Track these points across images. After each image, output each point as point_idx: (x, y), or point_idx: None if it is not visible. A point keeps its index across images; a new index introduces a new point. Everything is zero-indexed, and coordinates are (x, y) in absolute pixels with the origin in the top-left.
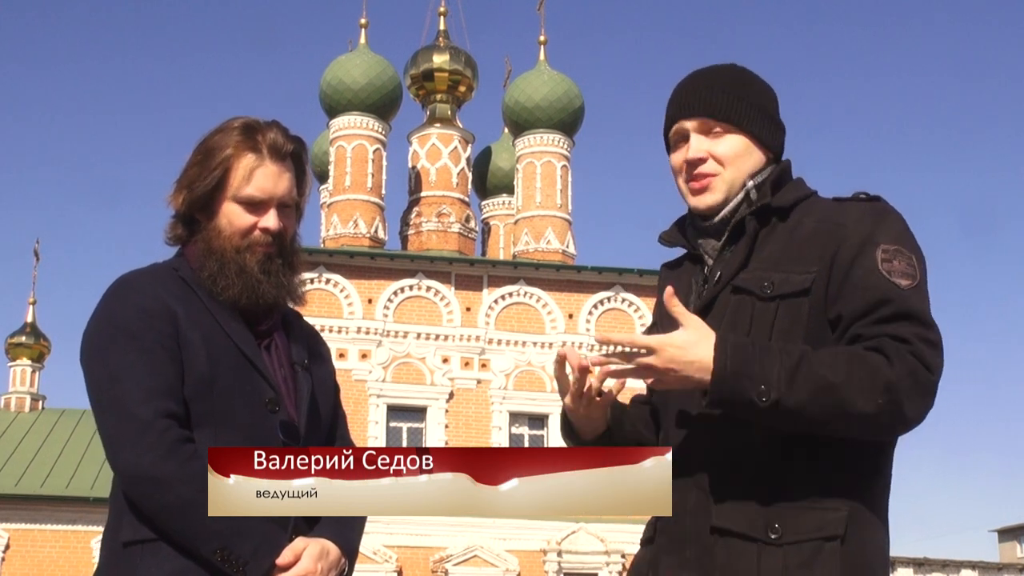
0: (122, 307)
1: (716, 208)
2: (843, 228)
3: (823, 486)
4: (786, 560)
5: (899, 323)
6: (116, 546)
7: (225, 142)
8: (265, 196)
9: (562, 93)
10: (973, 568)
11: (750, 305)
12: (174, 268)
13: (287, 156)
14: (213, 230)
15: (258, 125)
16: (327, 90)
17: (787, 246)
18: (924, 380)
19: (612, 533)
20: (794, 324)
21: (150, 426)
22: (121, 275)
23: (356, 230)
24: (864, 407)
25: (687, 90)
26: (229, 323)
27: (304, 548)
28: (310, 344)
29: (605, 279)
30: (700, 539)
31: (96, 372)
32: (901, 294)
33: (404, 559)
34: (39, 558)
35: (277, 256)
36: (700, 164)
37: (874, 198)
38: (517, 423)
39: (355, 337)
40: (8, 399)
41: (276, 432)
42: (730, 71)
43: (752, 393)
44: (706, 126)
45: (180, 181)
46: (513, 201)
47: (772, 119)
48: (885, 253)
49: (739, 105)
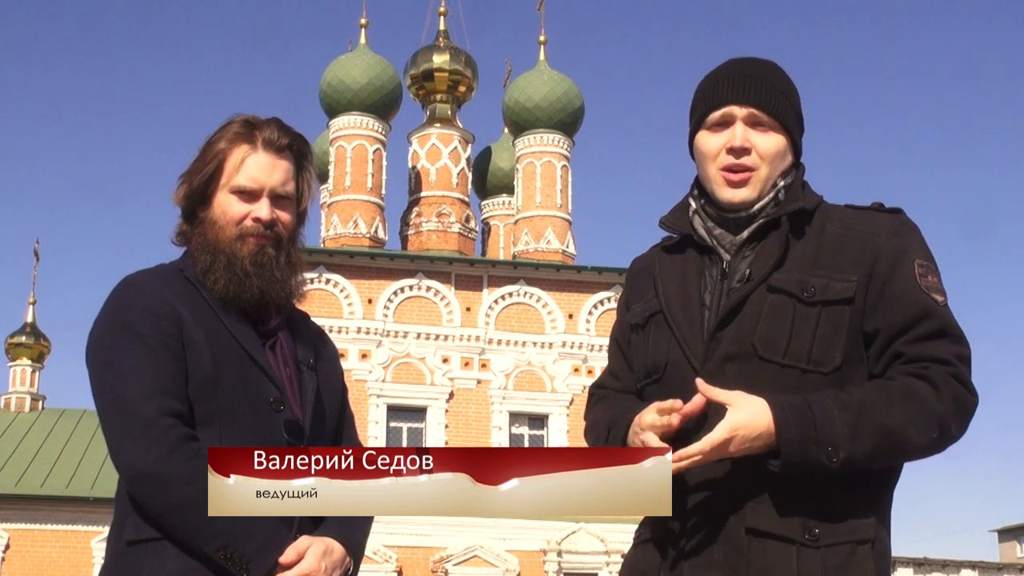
0: (127, 307)
1: (748, 204)
2: (878, 238)
3: (854, 490)
4: (824, 562)
5: (940, 341)
6: (120, 545)
7: (222, 135)
8: (256, 185)
9: (562, 93)
10: (973, 568)
11: (791, 307)
12: (179, 268)
13: (284, 149)
14: (208, 221)
15: (256, 120)
16: (327, 90)
17: (819, 250)
18: (968, 404)
19: (612, 533)
20: (836, 332)
21: (154, 424)
22: (126, 276)
23: (356, 230)
24: (920, 442)
25: (742, 76)
26: (234, 323)
27: (308, 547)
28: (317, 344)
29: (605, 279)
30: (731, 540)
31: (100, 371)
32: (940, 310)
33: (404, 559)
34: (39, 558)
35: (271, 248)
36: (744, 155)
37: (896, 210)
38: (517, 423)
39: (355, 337)
40: (8, 399)
41: (280, 431)
42: (775, 68)
43: (821, 456)
44: (754, 118)
45: (182, 177)
46: (513, 201)
47: (800, 120)
48: (921, 268)
49: (785, 104)
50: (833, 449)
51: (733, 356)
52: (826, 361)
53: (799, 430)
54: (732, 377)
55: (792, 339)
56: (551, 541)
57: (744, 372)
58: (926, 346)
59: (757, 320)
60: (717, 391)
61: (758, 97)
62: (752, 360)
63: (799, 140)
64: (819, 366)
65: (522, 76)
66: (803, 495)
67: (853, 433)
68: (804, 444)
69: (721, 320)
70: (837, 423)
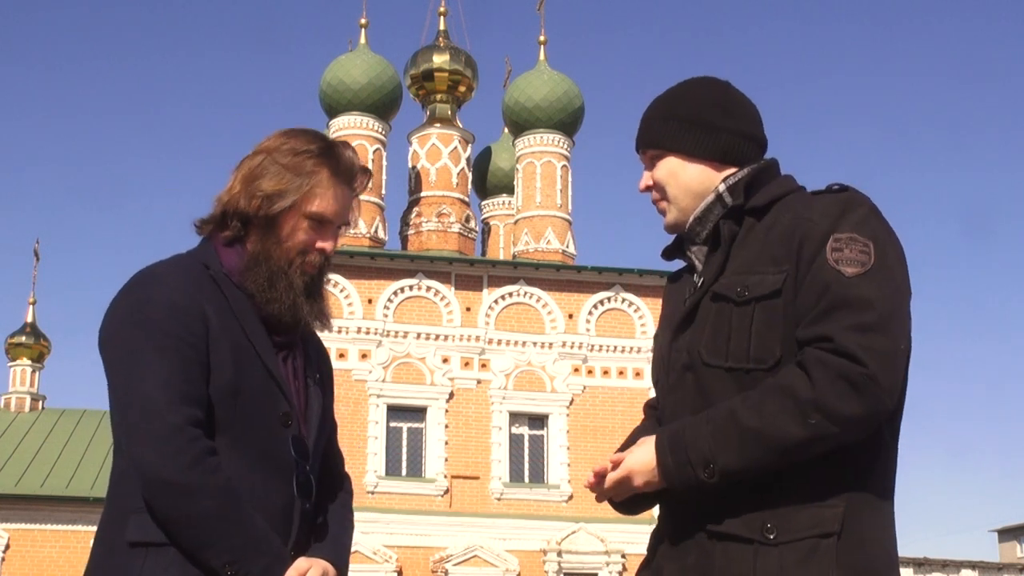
0: (151, 302)
1: (679, 224)
2: (808, 223)
3: (817, 483)
4: (782, 559)
5: (830, 316)
6: (118, 544)
7: (310, 164)
8: (333, 216)
9: (562, 93)
10: (973, 568)
11: (728, 311)
12: (204, 263)
13: (354, 179)
14: (273, 239)
15: (340, 148)
16: (327, 90)
17: (763, 246)
18: (855, 375)
19: (612, 533)
20: (771, 327)
21: (181, 432)
22: (148, 266)
23: (356, 230)
24: (797, 434)
25: (640, 124)
26: (254, 331)
27: (308, 568)
28: (321, 358)
29: (605, 279)
30: (700, 544)
31: (123, 368)
32: (841, 281)
33: (404, 559)
34: (39, 558)
35: (319, 278)
36: (649, 192)
37: (842, 188)
38: (517, 423)
39: (355, 337)
40: (8, 399)
41: (288, 447)
42: (668, 94)
43: (699, 474)
44: (646, 157)
45: (247, 183)
46: (513, 201)
47: (706, 128)
48: (836, 243)
49: (663, 127)
50: (703, 464)
51: (688, 366)
52: (766, 357)
53: (673, 456)
54: (690, 386)
55: (731, 342)
56: (551, 541)
57: (698, 380)
58: (814, 327)
59: (704, 328)
60: (620, 456)
61: (640, 140)
62: (701, 368)
63: (700, 145)
64: (760, 363)
65: (522, 76)
66: (761, 493)
67: (720, 445)
68: (680, 468)
69: (674, 332)
70: (704, 438)
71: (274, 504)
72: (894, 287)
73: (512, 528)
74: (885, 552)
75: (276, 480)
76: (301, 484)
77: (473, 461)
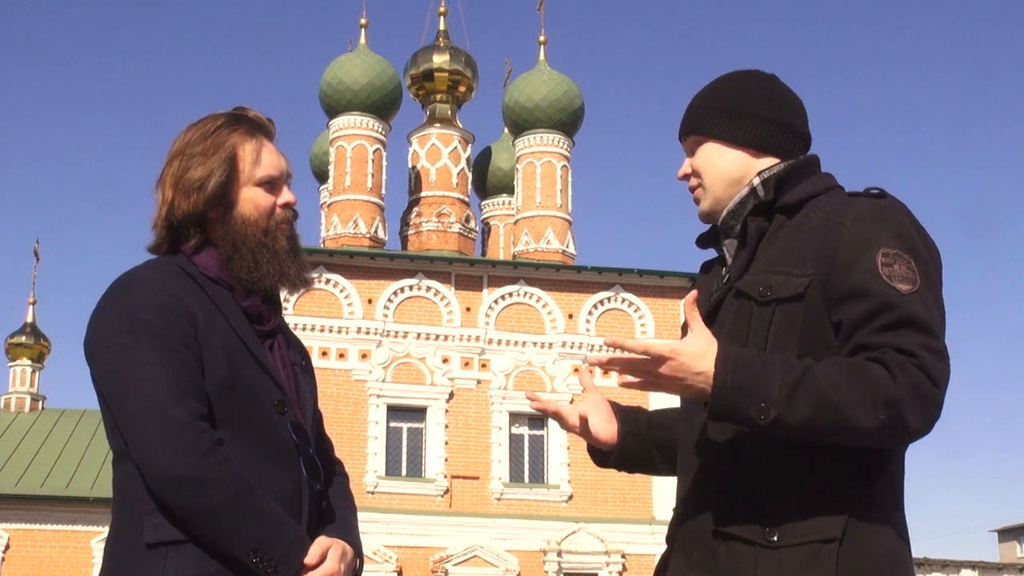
0: (139, 305)
1: (713, 214)
2: (842, 228)
3: (822, 488)
4: (782, 563)
5: (902, 331)
6: (135, 548)
7: (221, 136)
8: (279, 172)
9: (562, 93)
10: (973, 568)
11: (749, 310)
12: (178, 264)
13: (270, 130)
14: (236, 220)
15: (239, 112)
16: (327, 90)
17: (790, 245)
18: (928, 393)
19: (612, 533)
20: (790, 329)
21: (188, 427)
22: (127, 271)
23: (356, 230)
24: (865, 423)
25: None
26: (238, 323)
27: (329, 547)
28: (298, 346)
29: (605, 279)
30: (706, 541)
31: (119, 372)
32: (903, 300)
33: (404, 559)
34: (39, 558)
35: (295, 233)
36: (687, 179)
37: (879, 194)
38: (517, 423)
39: (355, 337)
40: (8, 399)
41: (288, 433)
42: (712, 84)
43: (752, 410)
44: (688, 144)
45: (177, 185)
46: (513, 201)
47: (746, 115)
48: (885, 257)
49: (704, 114)
50: (766, 405)
51: None
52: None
53: (735, 378)
54: None
55: (749, 342)
56: (551, 541)
57: None
58: (887, 336)
59: (723, 326)
60: (694, 317)
61: (683, 128)
62: None
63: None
64: None
65: (522, 76)
66: (768, 495)
67: (791, 395)
68: (736, 393)
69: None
70: (777, 382)
71: (284, 490)
72: (942, 313)
73: (512, 528)
74: (890, 555)
75: (282, 466)
76: (309, 466)
77: (473, 461)
